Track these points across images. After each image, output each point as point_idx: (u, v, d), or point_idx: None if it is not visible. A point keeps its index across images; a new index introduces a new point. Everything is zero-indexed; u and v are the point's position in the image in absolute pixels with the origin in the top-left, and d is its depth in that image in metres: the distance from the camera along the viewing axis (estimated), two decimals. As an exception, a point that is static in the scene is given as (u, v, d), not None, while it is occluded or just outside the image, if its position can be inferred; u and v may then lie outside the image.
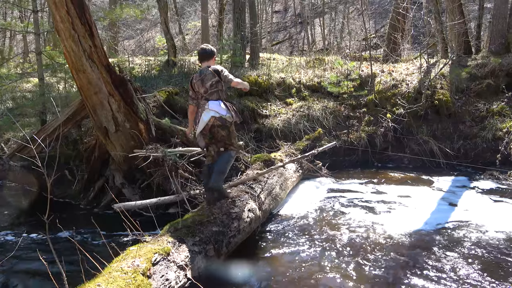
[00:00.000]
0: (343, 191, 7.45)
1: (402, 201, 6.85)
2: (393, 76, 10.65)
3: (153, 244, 3.91)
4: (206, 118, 5.08)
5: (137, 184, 6.72)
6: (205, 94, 5.16)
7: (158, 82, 9.74)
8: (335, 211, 6.40)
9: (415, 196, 7.07)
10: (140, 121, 6.46)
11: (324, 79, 11.02)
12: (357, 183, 7.97)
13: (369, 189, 7.55)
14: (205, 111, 5.09)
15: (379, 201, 6.85)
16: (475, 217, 6.09)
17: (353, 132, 9.59)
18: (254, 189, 5.92)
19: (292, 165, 7.50)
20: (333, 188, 7.62)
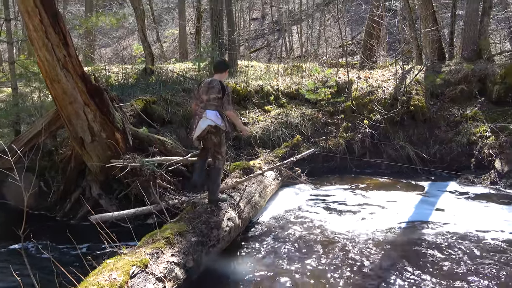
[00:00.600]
0: (322, 197, 7.48)
1: (380, 205, 6.93)
2: (369, 82, 10.79)
3: (131, 256, 3.85)
4: (203, 125, 5.36)
5: (115, 195, 6.64)
6: (206, 102, 5.39)
7: (135, 90, 9.65)
8: (314, 218, 6.42)
9: (393, 201, 7.15)
10: (117, 130, 6.39)
11: (302, 86, 11.09)
12: (336, 189, 8.02)
13: (348, 195, 7.61)
14: (203, 118, 5.36)
15: (358, 207, 6.91)
16: (453, 218, 6.22)
17: (331, 139, 9.66)
18: (234, 197, 5.90)
19: (271, 172, 7.51)
20: (312, 195, 7.66)
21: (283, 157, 8.22)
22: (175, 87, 9.84)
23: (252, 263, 4.99)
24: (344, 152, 9.45)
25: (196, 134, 5.45)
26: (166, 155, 7.10)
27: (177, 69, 13.30)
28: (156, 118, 8.70)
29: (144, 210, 5.67)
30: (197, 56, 14.52)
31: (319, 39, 22.50)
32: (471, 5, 11.09)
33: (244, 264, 4.99)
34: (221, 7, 13.59)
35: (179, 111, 9.08)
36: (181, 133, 8.87)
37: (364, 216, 6.45)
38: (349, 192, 7.77)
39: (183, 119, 9.03)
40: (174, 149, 7.41)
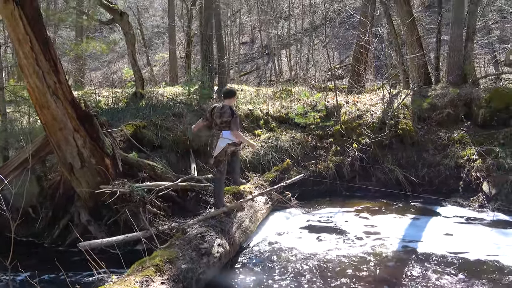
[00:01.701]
0: (313, 221, 7.48)
1: (370, 229, 6.94)
2: (357, 106, 10.93)
3: (120, 284, 3.81)
4: (222, 144, 6.38)
5: (104, 221, 6.57)
6: (220, 125, 6.43)
7: (125, 115, 9.66)
8: (305, 242, 6.41)
9: (383, 224, 7.17)
10: (107, 156, 6.38)
11: (291, 110, 11.19)
12: (327, 213, 8.03)
13: (338, 218, 7.62)
14: (221, 139, 6.40)
15: (348, 230, 6.91)
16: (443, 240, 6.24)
17: (321, 162, 9.71)
18: (224, 223, 5.88)
19: (262, 197, 7.51)
20: (303, 219, 7.65)
21: (274, 181, 8.23)
22: (165, 111, 9.87)
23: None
24: (334, 176, 9.49)
25: (216, 152, 6.42)
26: (156, 180, 7.09)
27: (167, 93, 13.38)
28: (146, 143, 8.70)
29: (133, 237, 5.61)
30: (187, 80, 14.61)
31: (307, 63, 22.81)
32: (455, 31, 11.37)
33: (234, 291, 4.94)
34: (211, 32, 13.77)
35: (169, 136, 9.08)
36: (171, 157, 8.87)
37: (355, 239, 6.46)
38: (340, 216, 7.78)
39: (173, 144, 9.04)
40: (164, 174, 7.40)
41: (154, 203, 6.68)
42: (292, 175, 8.92)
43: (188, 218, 6.70)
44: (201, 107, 10.59)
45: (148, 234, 5.58)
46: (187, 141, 9.22)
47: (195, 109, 10.50)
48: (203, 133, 8.87)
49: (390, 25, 12.33)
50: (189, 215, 7.05)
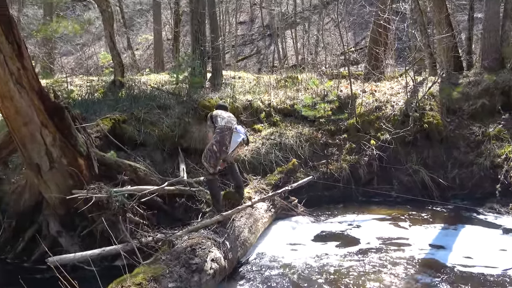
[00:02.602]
0: (323, 232, 7.48)
1: (391, 242, 6.93)
2: (376, 96, 10.91)
3: (96, 307, 3.80)
4: (238, 139, 6.93)
5: (77, 232, 6.57)
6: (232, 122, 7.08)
7: (102, 107, 9.64)
8: (314, 256, 6.40)
9: (406, 236, 7.16)
10: (80, 155, 6.37)
11: (297, 101, 11.18)
12: (339, 222, 8.03)
13: (353, 228, 7.62)
14: (235, 133, 6.91)
15: (365, 242, 6.91)
16: (477, 255, 6.21)
17: (333, 162, 9.70)
18: (219, 234, 5.88)
19: (263, 203, 7.50)
20: (311, 229, 7.65)
21: (277, 185, 8.22)
22: (149, 103, 9.85)
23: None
24: (348, 178, 9.47)
25: (232, 147, 6.84)
26: (139, 184, 7.08)
27: (151, 82, 13.35)
28: (126, 140, 8.68)
29: (111, 250, 5.62)
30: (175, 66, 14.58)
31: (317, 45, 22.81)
32: (491, 7, 11.31)
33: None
34: (203, 9, 13.74)
35: (153, 132, 9.07)
36: (157, 157, 8.86)
37: (373, 255, 6.44)
38: (355, 225, 7.78)
39: (159, 141, 9.02)
40: (148, 176, 7.39)
41: (136, 211, 6.67)
42: (299, 177, 8.90)
43: (176, 229, 6.70)
44: (191, 97, 10.56)
45: (129, 247, 5.58)
46: (175, 138, 9.20)
47: (184, 100, 10.47)
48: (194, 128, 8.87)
49: (415, 1, 12.29)
50: (177, 224, 7.05)
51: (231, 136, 6.86)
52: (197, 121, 9.90)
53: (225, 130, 6.84)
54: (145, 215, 6.81)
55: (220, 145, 6.75)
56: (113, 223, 6.12)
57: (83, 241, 6.46)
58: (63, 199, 6.29)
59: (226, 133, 6.82)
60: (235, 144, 6.87)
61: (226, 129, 6.85)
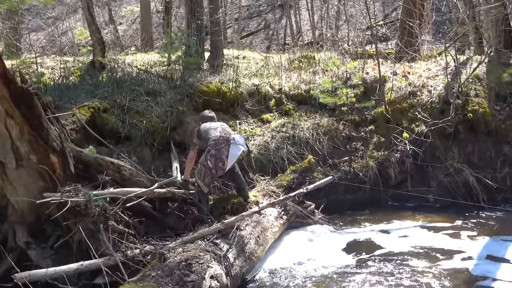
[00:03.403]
0: (346, 244, 7.47)
1: (430, 256, 6.88)
2: (409, 80, 10.86)
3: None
4: (237, 152, 7.02)
5: (49, 243, 6.58)
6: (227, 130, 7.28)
7: (79, 93, 9.65)
8: (335, 274, 6.40)
9: (449, 248, 7.13)
10: (53, 151, 6.38)
11: (314, 85, 11.14)
12: (365, 232, 8.02)
13: (382, 239, 7.59)
14: (233, 145, 6.98)
15: (398, 257, 6.88)
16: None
17: (357, 160, 9.68)
18: (219, 245, 5.89)
19: (273, 209, 7.50)
20: (331, 240, 7.64)
21: (289, 187, 8.21)
22: (136, 88, 9.84)
23: None
24: (376, 179, 9.46)
25: (229, 163, 6.95)
26: (123, 185, 7.07)
27: (138, 63, 13.34)
28: (108, 133, 8.69)
29: (91, 265, 5.62)
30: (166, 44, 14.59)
31: (337, 18, 22.73)
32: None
33: None
34: (200, -25, 13.70)
35: (141, 123, 9.07)
36: (145, 153, 8.87)
37: (410, 273, 6.41)
38: (385, 236, 7.75)
39: (147, 134, 9.02)
40: (134, 177, 7.38)
41: (120, 218, 6.66)
42: (316, 177, 8.90)
43: (168, 239, 6.68)
44: (186, 82, 10.56)
45: (112, 261, 5.59)
46: (167, 130, 9.21)
47: (178, 84, 10.46)
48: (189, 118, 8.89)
49: (456, -37, 12.20)
50: (169, 234, 7.04)
51: (229, 149, 6.98)
52: (193, 110, 9.91)
53: (221, 142, 7.00)
54: (131, 222, 6.80)
55: (216, 160, 6.90)
56: (93, 233, 6.11)
57: (57, 254, 6.45)
58: (33, 204, 6.30)
59: (223, 146, 6.97)
60: (233, 159, 7.01)
61: (222, 141, 7.01)
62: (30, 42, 23.17)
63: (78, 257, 6.10)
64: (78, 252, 6.27)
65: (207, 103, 10.07)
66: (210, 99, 10.14)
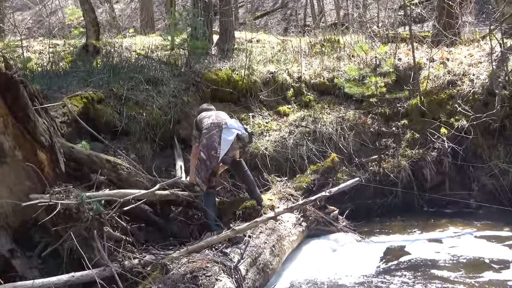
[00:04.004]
0: (375, 256, 7.46)
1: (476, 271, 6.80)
2: (448, 67, 10.81)
3: None
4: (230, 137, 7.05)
5: (36, 251, 6.60)
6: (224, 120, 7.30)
7: (70, 81, 9.68)
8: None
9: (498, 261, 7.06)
10: (41, 147, 6.40)
11: (339, 73, 11.13)
12: (396, 242, 8.00)
13: (418, 251, 7.55)
14: (226, 130, 7.07)
15: (432, 272, 6.84)
16: None
17: (388, 159, 9.65)
18: (229, 256, 5.88)
19: (291, 215, 7.49)
20: (358, 251, 7.64)
21: (310, 190, 8.20)
22: (134, 76, 9.87)
23: None
24: (409, 181, 9.44)
25: (224, 150, 6.99)
26: (121, 186, 7.09)
27: (137, 47, 13.38)
28: (103, 127, 8.71)
29: (84, 277, 5.64)
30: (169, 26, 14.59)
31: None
32: None
33: None
34: None
35: (140, 115, 9.09)
36: (144, 150, 8.89)
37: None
38: (420, 247, 7.71)
39: (148, 128, 9.05)
40: (133, 177, 7.40)
41: (117, 224, 6.68)
42: (340, 179, 8.89)
43: (171, 248, 6.69)
44: (191, 68, 10.57)
45: (108, 272, 5.60)
46: (170, 124, 9.23)
47: (182, 72, 10.49)
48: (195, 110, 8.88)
49: None
50: (172, 242, 7.05)
51: (221, 134, 7.07)
52: (199, 100, 9.90)
53: (213, 128, 7.12)
54: (128, 229, 6.81)
55: (208, 149, 6.97)
56: (86, 240, 6.12)
57: (45, 263, 6.47)
58: (18, 207, 6.32)
59: (214, 132, 7.08)
60: (227, 145, 7.07)
61: (214, 127, 7.13)
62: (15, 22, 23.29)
63: (69, 267, 6.12)
64: (69, 261, 6.29)
65: (215, 93, 10.10)
66: (219, 89, 10.17)
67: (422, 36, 13.92)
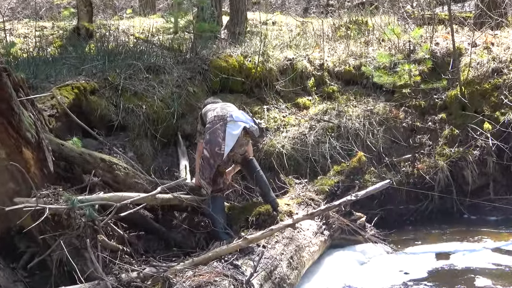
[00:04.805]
0: (409, 271, 7.43)
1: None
2: (493, 53, 10.77)
3: None
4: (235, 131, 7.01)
5: (21, 262, 6.64)
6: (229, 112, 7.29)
7: (59, 69, 9.71)
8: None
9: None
10: (26, 144, 6.43)
11: (367, 60, 11.12)
12: (433, 254, 7.98)
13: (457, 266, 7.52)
14: (230, 124, 7.04)
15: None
16: None
17: (423, 158, 9.63)
18: (240, 268, 5.89)
19: (311, 222, 7.50)
20: (388, 264, 7.64)
21: (333, 193, 8.20)
22: (133, 63, 9.89)
23: None
24: (447, 184, 9.41)
25: (229, 146, 6.96)
26: (117, 189, 7.11)
27: (135, 30, 13.42)
28: (97, 121, 8.74)
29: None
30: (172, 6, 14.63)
31: (398, -28, 22.57)
32: None
33: None
34: None
35: (139, 108, 9.12)
36: (144, 147, 8.92)
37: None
38: (460, 260, 7.69)
39: (148, 123, 9.06)
40: (131, 178, 7.41)
41: (113, 231, 6.71)
42: (369, 181, 8.88)
43: (174, 259, 6.72)
44: (198, 55, 10.59)
45: (102, 287, 5.63)
46: (173, 118, 9.25)
47: (187, 58, 10.51)
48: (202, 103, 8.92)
49: None
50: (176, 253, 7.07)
51: (225, 129, 7.05)
52: (207, 91, 9.93)
53: (216, 122, 7.13)
54: (126, 237, 6.85)
55: (211, 145, 6.98)
56: (77, 250, 6.15)
57: (31, 276, 6.52)
58: (1, 212, 6.38)
59: (218, 126, 7.08)
60: (233, 139, 7.05)
61: (218, 120, 7.14)
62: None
63: (58, 280, 6.16)
64: (58, 274, 6.32)
65: (225, 82, 10.12)
66: (229, 78, 10.20)
67: (463, 17, 13.88)
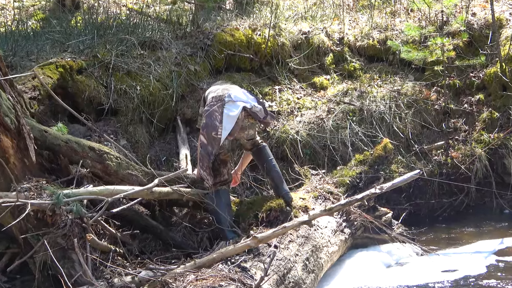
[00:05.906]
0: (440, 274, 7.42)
1: None
2: (539, 25, 10.77)
3: None
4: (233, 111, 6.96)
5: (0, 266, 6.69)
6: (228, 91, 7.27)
7: (42, 45, 9.72)
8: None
9: None
10: (5, 130, 6.44)
11: (393, 33, 11.10)
12: (470, 255, 7.98)
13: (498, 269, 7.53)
14: (229, 104, 7.04)
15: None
16: None
17: (458, 146, 9.62)
18: (249, 271, 5.91)
19: (330, 218, 7.52)
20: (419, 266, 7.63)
21: (355, 186, 8.21)
22: (125, 38, 9.90)
23: None
24: (485, 175, 9.40)
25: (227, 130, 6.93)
26: (108, 181, 7.10)
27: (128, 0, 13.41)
28: (85, 104, 8.76)
29: (61, 299, 5.70)
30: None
31: None
32: None
33: None
34: None
35: (133, 89, 9.12)
36: (138, 134, 8.93)
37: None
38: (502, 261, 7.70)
39: (143, 106, 9.06)
40: (124, 169, 7.40)
41: (104, 230, 6.73)
42: (395, 172, 8.87)
43: (174, 261, 6.73)
44: (200, 28, 10.58)
45: (92, 293, 5.66)
46: (172, 100, 9.26)
47: (187, 32, 10.51)
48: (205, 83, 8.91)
49: None
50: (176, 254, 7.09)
51: (223, 110, 7.05)
52: (210, 70, 9.93)
53: (214, 103, 7.14)
54: (119, 236, 6.86)
55: (208, 130, 6.98)
56: (64, 251, 6.18)
57: (11, 281, 6.56)
58: (-23, 208, 6.42)
59: (215, 108, 7.08)
60: (231, 122, 7.03)
61: (215, 102, 7.15)
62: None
63: (42, 285, 6.20)
64: (42, 278, 6.36)
65: (231, 59, 10.13)
66: (235, 54, 10.21)
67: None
